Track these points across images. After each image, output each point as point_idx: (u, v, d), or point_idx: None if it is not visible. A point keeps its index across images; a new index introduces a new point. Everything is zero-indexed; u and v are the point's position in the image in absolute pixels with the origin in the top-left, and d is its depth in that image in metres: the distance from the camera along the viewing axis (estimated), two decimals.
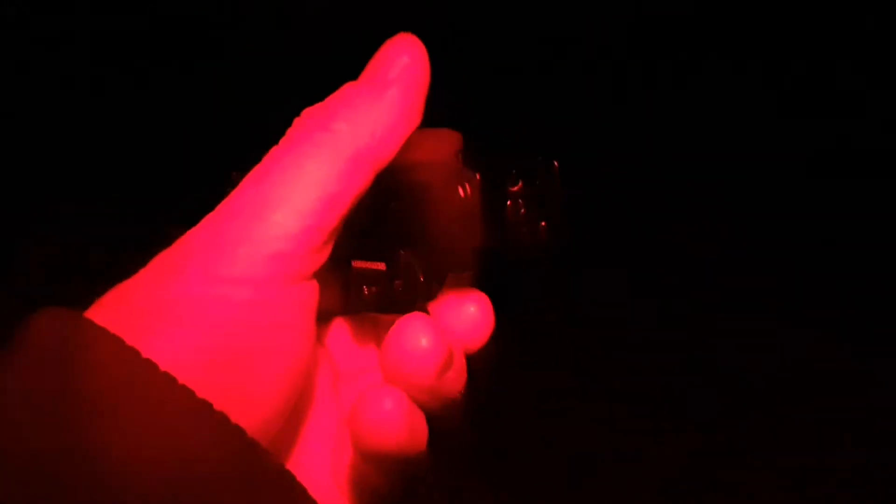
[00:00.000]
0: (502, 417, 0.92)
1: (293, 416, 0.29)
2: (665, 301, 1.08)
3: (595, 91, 1.23)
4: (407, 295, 0.29)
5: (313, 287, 0.27)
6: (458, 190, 0.28)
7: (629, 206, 1.15)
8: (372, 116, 0.26)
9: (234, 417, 0.23)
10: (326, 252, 0.26)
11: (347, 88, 0.27)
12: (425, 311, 0.30)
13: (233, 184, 0.27)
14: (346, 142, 0.26)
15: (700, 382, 1.00)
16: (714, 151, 1.21)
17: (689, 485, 0.92)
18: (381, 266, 0.29)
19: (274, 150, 0.26)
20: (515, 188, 0.29)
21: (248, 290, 0.25)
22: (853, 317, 1.05)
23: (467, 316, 0.29)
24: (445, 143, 0.29)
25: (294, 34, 1.15)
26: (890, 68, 1.25)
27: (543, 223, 0.29)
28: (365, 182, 0.26)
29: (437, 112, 0.29)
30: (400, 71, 0.27)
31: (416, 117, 0.27)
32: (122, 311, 0.25)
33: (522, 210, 0.29)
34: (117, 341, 0.23)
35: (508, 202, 0.29)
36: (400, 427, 0.26)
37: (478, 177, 0.28)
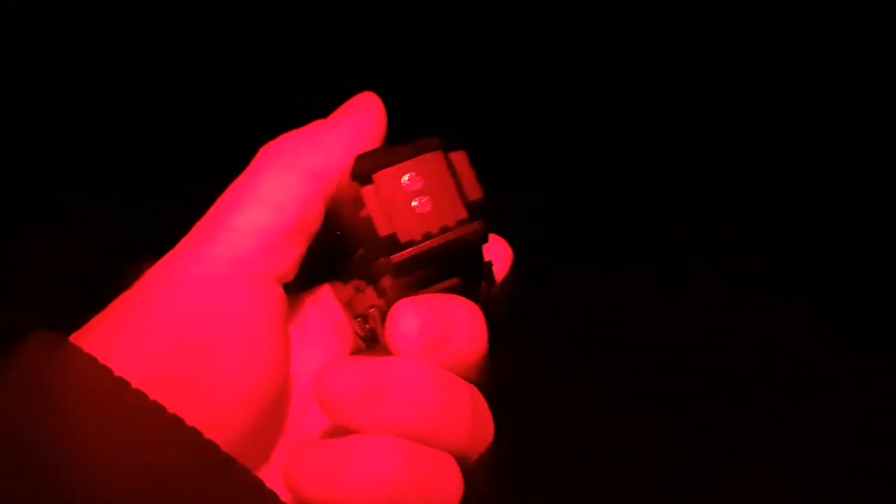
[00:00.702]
0: (498, 416, 0.92)
1: (290, 425, 0.29)
2: (665, 301, 1.08)
3: (594, 91, 1.23)
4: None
5: (278, 292, 0.28)
6: (355, 208, 0.27)
7: (629, 205, 1.15)
8: (324, 141, 0.30)
9: (193, 414, 0.24)
10: (288, 258, 0.28)
11: (311, 124, 0.31)
12: None
13: None
14: (294, 157, 0.29)
15: (700, 382, 1.00)
16: (714, 150, 1.21)
17: (689, 485, 0.92)
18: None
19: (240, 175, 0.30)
20: (418, 187, 0.27)
21: (205, 289, 0.26)
22: (853, 317, 1.05)
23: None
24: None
25: (294, 34, 1.15)
26: (890, 69, 1.25)
27: (465, 214, 0.27)
28: (310, 191, 0.29)
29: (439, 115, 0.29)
30: (356, 111, 0.31)
31: (364, 142, 0.30)
32: (99, 328, 0.26)
33: (430, 207, 0.27)
34: (90, 360, 0.24)
35: (414, 202, 0.27)
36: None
37: (366, 189, 0.27)
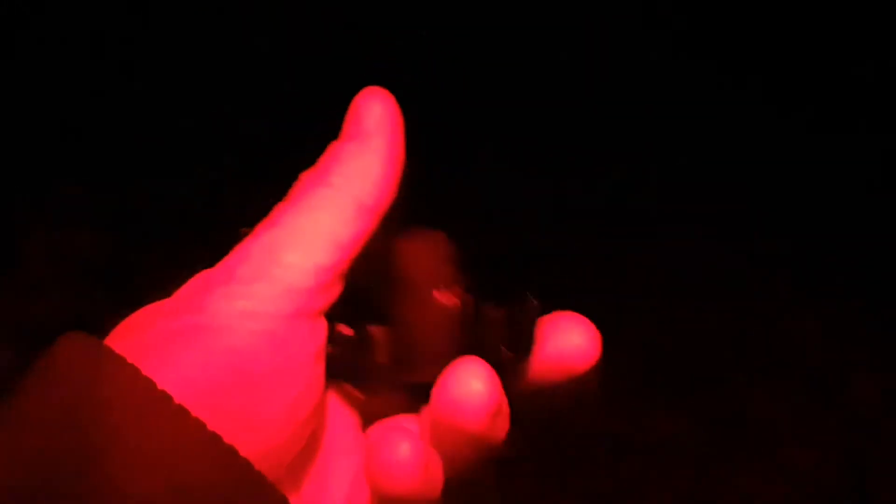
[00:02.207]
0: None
1: (316, 459, 0.30)
2: (665, 302, 1.09)
3: (594, 91, 1.23)
4: (368, 371, 0.29)
5: (322, 324, 0.28)
6: (443, 302, 0.29)
7: (629, 205, 1.15)
8: (362, 167, 0.29)
9: (242, 446, 0.24)
10: (336, 291, 0.28)
11: (333, 146, 0.29)
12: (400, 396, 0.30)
13: (241, 238, 0.28)
14: (346, 193, 0.28)
15: (702, 383, 1.00)
16: (715, 152, 1.21)
17: (691, 484, 0.93)
18: (351, 332, 0.30)
19: (280, 205, 0.28)
20: (495, 314, 0.29)
21: (262, 323, 0.26)
22: (854, 316, 1.06)
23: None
24: (440, 248, 0.30)
25: (293, 34, 1.16)
26: (891, 70, 1.26)
27: (510, 354, 0.29)
28: (370, 225, 0.28)
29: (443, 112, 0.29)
30: (376, 120, 0.29)
31: (400, 159, 0.30)
32: (141, 339, 0.26)
33: (494, 336, 0.29)
34: (134, 372, 0.24)
35: (484, 325, 0.29)
36: (415, 472, 0.27)
37: (467, 297, 0.29)
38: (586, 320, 0.30)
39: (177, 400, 0.24)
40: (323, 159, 0.29)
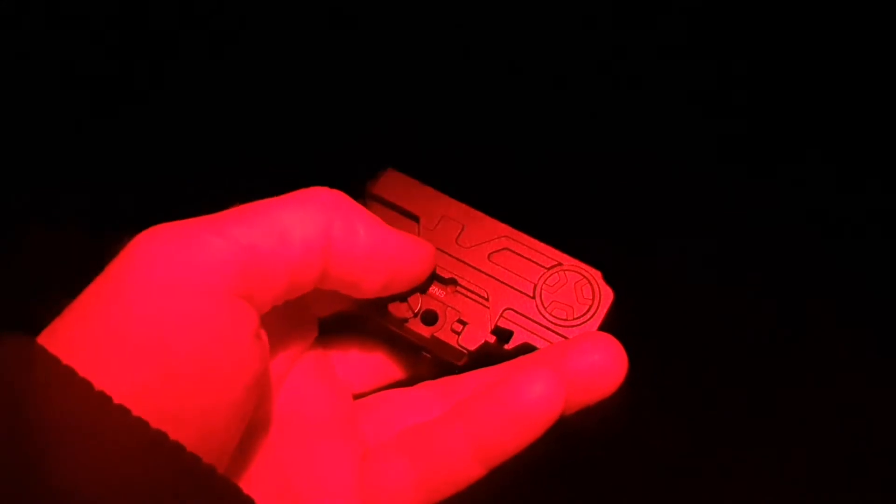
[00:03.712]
0: None
1: (310, 448, 0.29)
2: (665, 303, 1.08)
3: (594, 92, 1.23)
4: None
5: (251, 311, 0.26)
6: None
7: (621, 205, 1.15)
8: (369, 225, 0.29)
9: (185, 437, 0.23)
10: (270, 291, 0.27)
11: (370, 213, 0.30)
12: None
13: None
14: (332, 210, 0.29)
15: (698, 377, 1.00)
16: (714, 157, 1.21)
17: (692, 486, 0.93)
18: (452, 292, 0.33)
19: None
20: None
21: (184, 299, 0.24)
22: (856, 321, 1.05)
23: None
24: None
25: (294, 36, 1.16)
26: (890, 78, 1.25)
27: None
28: (320, 245, 0.28)
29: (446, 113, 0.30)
30: (413, 248, 0.31)
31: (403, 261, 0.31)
32: (73, 330, 0.24)
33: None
34: (69, 373, 0.23)
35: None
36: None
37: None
38: (612, 339, 0.29)
39: (116, 400, 0.23)
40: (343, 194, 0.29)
